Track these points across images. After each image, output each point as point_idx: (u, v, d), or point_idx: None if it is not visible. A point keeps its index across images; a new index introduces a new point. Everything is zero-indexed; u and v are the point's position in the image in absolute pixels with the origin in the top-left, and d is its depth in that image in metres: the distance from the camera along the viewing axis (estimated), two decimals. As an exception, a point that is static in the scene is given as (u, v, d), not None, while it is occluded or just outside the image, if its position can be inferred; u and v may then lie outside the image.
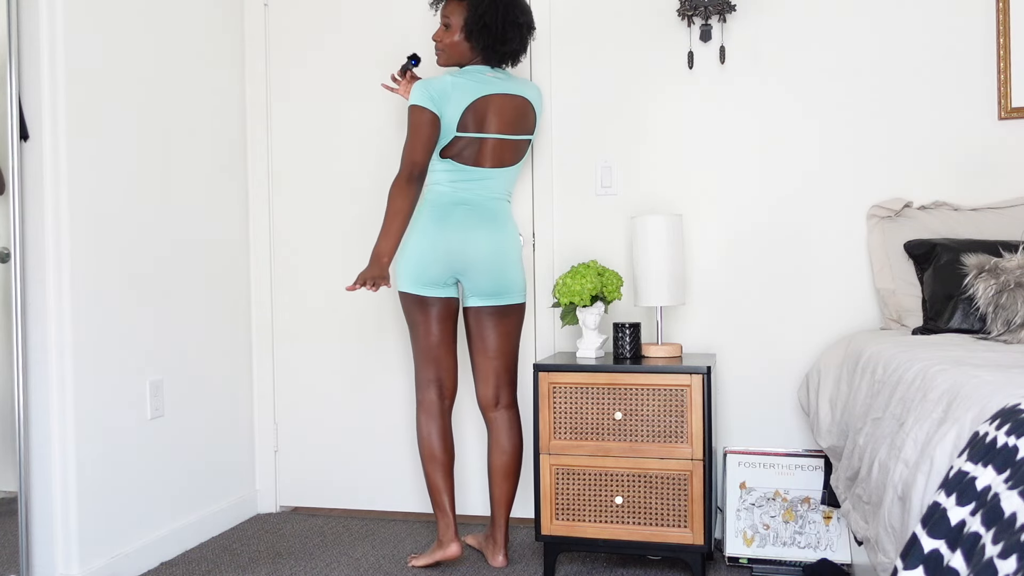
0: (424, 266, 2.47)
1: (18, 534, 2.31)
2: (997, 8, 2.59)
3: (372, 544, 2.82)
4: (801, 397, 2.57)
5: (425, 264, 2.47)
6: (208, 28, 2.98)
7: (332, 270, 3.18)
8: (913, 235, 2.56)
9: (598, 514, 2.46)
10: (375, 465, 3.15)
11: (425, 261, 2.47)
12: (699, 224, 2.84)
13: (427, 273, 2.48)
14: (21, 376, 2.31)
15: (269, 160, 3.22)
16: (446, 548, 2.54)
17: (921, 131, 2.67)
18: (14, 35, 2.29)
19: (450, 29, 2.51)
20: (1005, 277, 2.16)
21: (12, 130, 2.27)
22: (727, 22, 2.78)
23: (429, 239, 2.47)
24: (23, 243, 2.33)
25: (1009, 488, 1.03)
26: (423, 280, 2.49)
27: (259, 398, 3.23)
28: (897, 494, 1.50)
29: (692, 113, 2.84)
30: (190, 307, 2.86)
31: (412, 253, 2.49)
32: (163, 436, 2.72)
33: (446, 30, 2.52)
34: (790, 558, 2.55)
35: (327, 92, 3.16)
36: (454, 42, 2.51)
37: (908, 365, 1.78)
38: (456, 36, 2.51)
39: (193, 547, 2.82)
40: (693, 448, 2.38)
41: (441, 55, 2.55)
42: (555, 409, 2.48)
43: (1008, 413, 1.18)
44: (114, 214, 2.53)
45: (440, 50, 2.54)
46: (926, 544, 1.13)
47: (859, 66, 2.71)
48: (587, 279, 2.52)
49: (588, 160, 2.92)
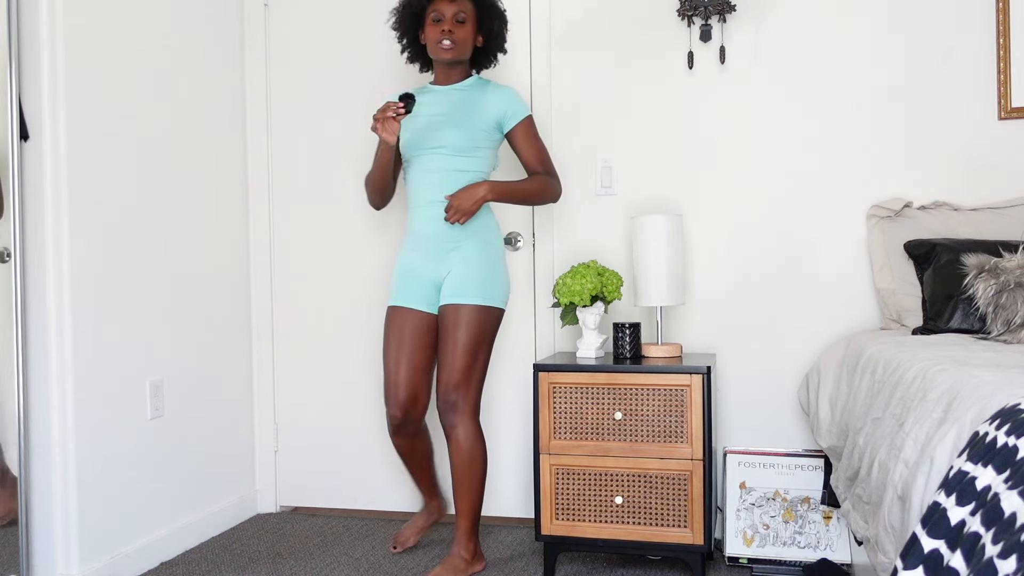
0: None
1: (18, 534, 2.31)
2: (997, 8, 2.59)
3: (372, 544, 2.82)
4: (801, 397, 2.57)
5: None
6: (208, 28, 2.98)
7: (333, 270, 3.18)
8: (913, 235, 2.56)
9: (598, 514, 2.46)
10: (375, 465, 3.15)
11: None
12: (699, 224, 2.84)
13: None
14: (21, 376, 2.31)
15: (269, 160, 3.22)
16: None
17: (921, 131, 2.67)
18: (14, 35, 2.29)
19: (465, 24, 2.51)
20: (1005, 277, 2.16)
21: (12, 130, 2.28)
22: (727, 22, 2.78)
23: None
24: (23, 243, 2.33)
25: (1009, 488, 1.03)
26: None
27: (259, 398, 3.23)
28: (897, 494, 1.50)
29: (692, 113, 2.84)
30: (190, 307, 2.86)
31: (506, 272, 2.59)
32: (163, 436, 2.72)
33: (461, 25, 2.50)
34: (790, 558, 2.55)
35: (327, 92, 3.16)
36: (469, 38, 2.52)
37: (908, 365, 1.78)
38: (470, 32, 2.52)
39: (193, 547, 2.82)
40: (693, 448, 2.38)
41: (453, 50, 2.48)
42: (555, 409, 2.48)
43: (1008, 413, 1.18)
44: (114, 214, 2.53)
45: (453, 44, 2.48)
46: (926, 544, 1.13)
47: (859, 66, 2.71)
48: (587, 279, 2.52)
49: (588, 160, 2.92)
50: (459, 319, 2.44)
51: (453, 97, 2.53)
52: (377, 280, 3.12)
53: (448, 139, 2.46)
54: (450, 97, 2.53)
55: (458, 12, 2.48)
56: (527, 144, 2.54)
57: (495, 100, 2.52)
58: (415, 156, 2.51)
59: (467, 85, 2.56)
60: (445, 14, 2.48)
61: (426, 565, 2.61)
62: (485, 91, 2.53)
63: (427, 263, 2.51)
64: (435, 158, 2.48)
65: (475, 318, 2.45)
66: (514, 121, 2.53)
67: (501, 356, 3.02)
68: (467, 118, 2.49)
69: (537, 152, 2.55)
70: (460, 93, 2.54)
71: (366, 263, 3.14)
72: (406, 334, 2.52)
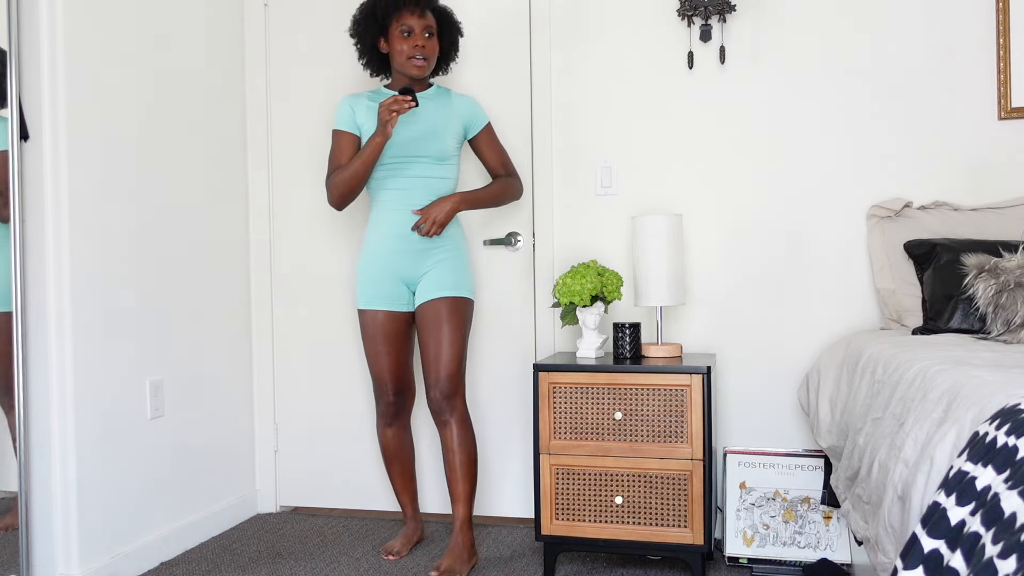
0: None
1: (18, 534, 2.31)
2: (997, 8, 2.59)
3: (372, 544, 2.82)
4: (801, 397, 2.57)
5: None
6: (208, 28, 2.98)
7: (332, 270, 3.18)
8: (913, 235, 2.56)
9: (598, 514, 2.46)
10: (375, 465, 3.15)
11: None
12: (699, 224, 2.84)
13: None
14: (21, 376, 2.31)
15: (269, 160, 3.22)
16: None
17: (921, 131, 2.67)
18: (14, 35, 2.29)
19: (433, 38, 2.55)
20: (1005, 277, 2.16)
21: (12, 130, 2.28)
22: (727, 22, 2.78)
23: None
24: (23, 243, 2.33)
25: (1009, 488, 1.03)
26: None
27: (259, 398, 3.23)
28: (897, 494, 1.50)
29: (692, 113, 2.84)
30: (190, 307, 2.86)
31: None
32: (163, 436, 2.72)
33: (430, 38, 2.54)
34: (790, 558, 2.55)
35: (327, 92, 3.16)
36: (436, 51, 2.58)
37: (908, 365, 1.78)
38: (437, 45, 2.58)
39: (193, 547, 2.82)
40: (693, 448, 2.38)
41: (427, 65, 2.53)
42: (555, 409, 2.48)
43: (1008, 413, 1.18)
44: (114, 214, 2.53)
45: (425, 59, 2.52)
46: (926, 544, 1.13)
47: (859, 66, 2.71)
48: (587, 279, 2.52)
49: (588, 160, 2.92)
50: (444, 312, 2.54)
51: (426, 107, 2.58)
52: (377, 280, 3.12)
53: (429, 148, 2.55)
54: (422, 106, 2.58)
55: (427, 27, 2.52)
56: (490, 149, 2.68)
57: (460, 109, 2.63)
58: (397, 162, 2.54)
59: (432, 94, 2.62)
60: (415, 28, 2.50)
61: (426, 565, 2.61)
62: (450, 100, 2.64)
63: (404, 265, 2.57)
64: (418, 166, 2.55)
65: (459, 309, 2.56)
66: (478, 128, 2.66)
67: (501, 356, 3.02)
68: (442, 127, 2.57)
69: (499, 155, 2.70)
70: (432, 102, 2.60)
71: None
72: (390, 334, 2.61)
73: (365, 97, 2.59)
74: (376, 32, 2.56)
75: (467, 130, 2.65)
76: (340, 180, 2.51)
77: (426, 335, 2.55)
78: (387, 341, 2.60)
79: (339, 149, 2.56)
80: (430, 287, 2.56)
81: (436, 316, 2.54)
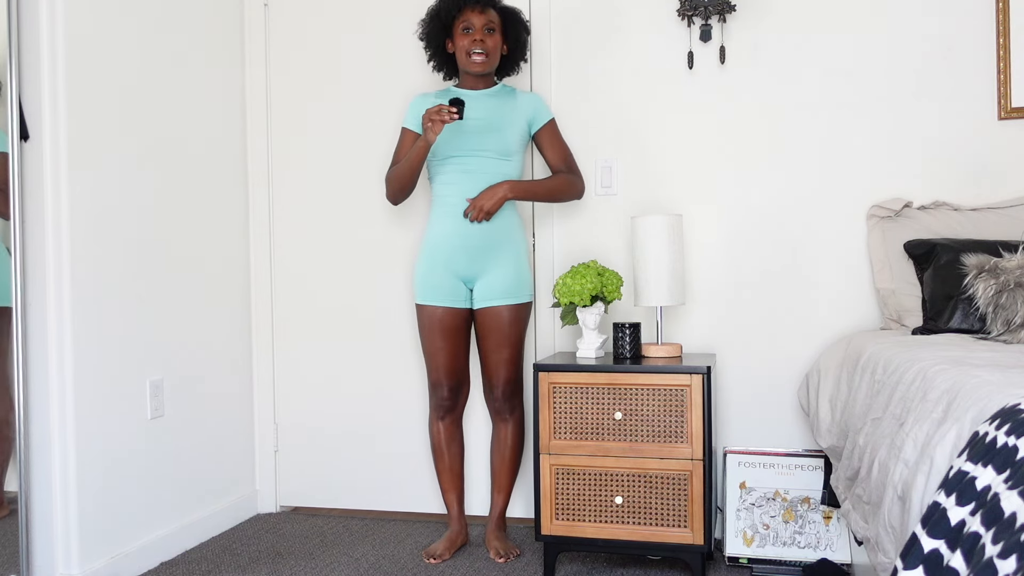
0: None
1: (18, 534, 2.31)
2: (997, 8, 2.59)
3: (372, 544, 2.82)
4: (801, 397, 2.57)
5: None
6: (208, 28, 2.98)
7: (332, 270, 3.18)
8: (913, 235, 2.56)
9: (598, 514, 2.46)
10: (375, 465, 3.15)
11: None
12: (699, 224, 2.84)
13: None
14: (21, 376, 2.31)
15: (269, 160, 3.22)
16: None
17: (921, 131, 2.67)
18: (14, 35, 2.29)
19: (494, 34, 2.60)
20: (1005, 277, 2.16)
21: (12, 130, 2.28)
22: (727, 22, 2.78)
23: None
24: (23, 243, 2.33)
25: (1009, 488, 1.03)
26: None
27: (259, 398, 3.23)
28: (897, 494, 1.50)
29: (692, 113, 2.84)
30: (190, 307, 2.86)
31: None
32: (163, 436, 2.72)
33: (491, 34, 2.59)
34: (790, 558, 2.55)
35: (327, 92, 3.16)
36: (498, 47, 2.62)
37: (908, 365, 1.78)
38: (499, 42, 2.63)
39: (193, 547, 2.82)
40: (693, 448, 2.38)
41: (488, 61, 2.59)
42: (555, 409, 2.48)
43: (1008, 413, 1.18)
44: (114, 214, 2.53)
45: (485, 54, 2.57)
46: (926, 544, 1.13)
47: (859, 66, 2.71)
48: (587, 279, 2.52)
49: (588, 160, 2.92)
50: (506, 321, 2.62)
51: (489, 103, 2.63)
52: (378, 280, 3.12)
53: (491, 143, 2.58)
54: (486, 103, 2.63)
55: (488, 22, 2.58)
56: (552, 145, 2.70)
57: (524, 105, 2.67)
58: (456, 157, 2.59)
59: (496, 91, 2.67)
60: (475, 24, 2.57)
61: (425, 565, 2.61)
62: (514, 97, 2.69)
63: (463, 262, 2.60)
64: (478, 161, 2.59)
65: (519, 317, 2.65)
66: (541, 123, 2.69)
67: (501, 356, 3.02)
68: (505, 123, 2.61)
69: (562, 151, 2.71)
70: (495, 99, 2.65)
71: (367, 263, 3.13)
72: (448, 330, 2.65)
73: (433, 96, 2.67)
74: (441, 33, 2.64)
75: (531, 125, 2.68)
76: (390, 177, 2.64)
77: (488, 342, 2.65)
78: (444, 337, 2.64)
79: (400, 146, 2.67)
80: (490, 292, 2.62)
81: (498, 325, 2.62)
